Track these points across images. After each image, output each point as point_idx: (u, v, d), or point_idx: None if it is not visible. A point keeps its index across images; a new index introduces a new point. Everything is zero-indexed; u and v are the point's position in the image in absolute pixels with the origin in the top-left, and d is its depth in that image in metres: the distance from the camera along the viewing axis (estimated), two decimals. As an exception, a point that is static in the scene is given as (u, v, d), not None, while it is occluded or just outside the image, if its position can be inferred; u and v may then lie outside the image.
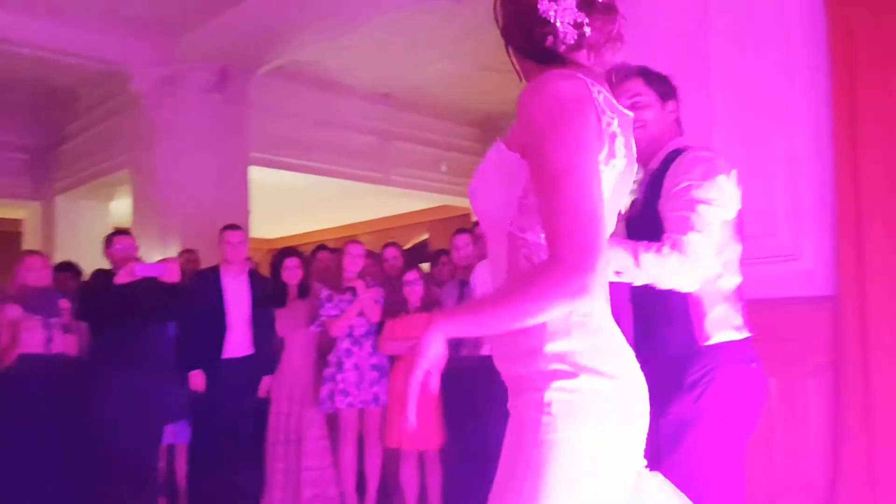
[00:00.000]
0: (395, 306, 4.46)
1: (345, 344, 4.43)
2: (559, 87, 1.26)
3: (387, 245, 5.26)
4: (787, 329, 3.13)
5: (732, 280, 2.06)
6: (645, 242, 1.92)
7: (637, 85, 2.14)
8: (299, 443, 4.44)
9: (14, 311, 4.13)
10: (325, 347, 4.58)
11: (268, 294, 4.71)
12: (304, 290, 4.70)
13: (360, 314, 4.46)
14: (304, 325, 4.58)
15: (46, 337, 4.14)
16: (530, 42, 1.37)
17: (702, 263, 1.91)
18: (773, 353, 2.55)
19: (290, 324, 4.63)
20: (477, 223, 4.94)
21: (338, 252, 4.92)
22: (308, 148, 8.35)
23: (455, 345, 4.26)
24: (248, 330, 4.62)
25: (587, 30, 1.34)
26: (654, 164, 2.14)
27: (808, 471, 3.13)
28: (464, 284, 4.30)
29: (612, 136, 1.30)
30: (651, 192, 2.08)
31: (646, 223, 2.05)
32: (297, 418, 4.48)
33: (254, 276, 4.83)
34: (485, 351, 3.94)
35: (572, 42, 1.34)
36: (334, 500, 4.45)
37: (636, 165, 1.42)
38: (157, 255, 6.15)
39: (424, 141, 9.41)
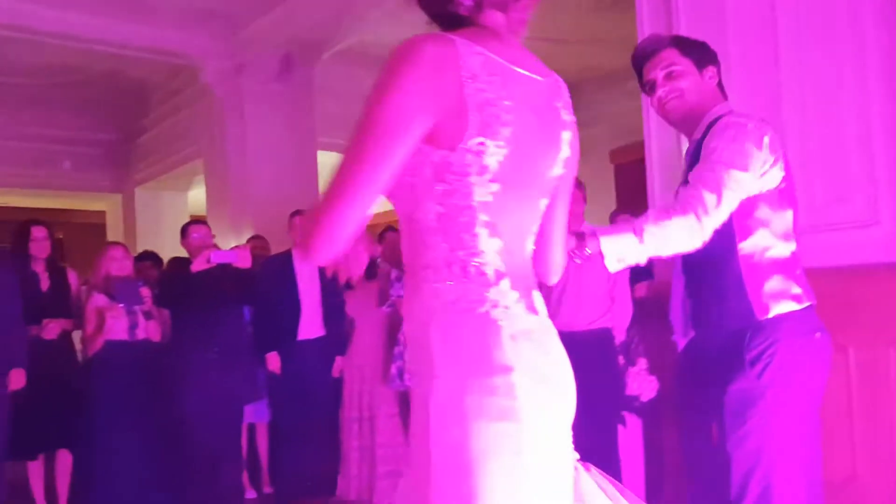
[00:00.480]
0: (461, 284, 4.50)
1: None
2: (409, 47, 1.20)
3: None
4: (865, 297, 3.03)
5: (785, 248, 2.01)
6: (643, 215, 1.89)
7: (671, 55, 2.10)
8: (372, 420, 4.56)
9: (99, 299, 4.34)
10: (394, 327, 4.66)
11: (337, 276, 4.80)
12: (372, 272, 4.78)
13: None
14: (373, 305, 4.67)
15: (130, 324, 4.33)
16: (434, 7, 1.32)
17: (710, 222, 1.86)
18: (850, 322, 2.49)
19: (359, 305, 4.73)
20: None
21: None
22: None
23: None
24: (320, 312, 4.76)
25: None
26: (698, 133, 2.10)
27: (889, 442, 3.04)
28: (529, 261, 4.30)
29: (483, 104, 1.20)
30: (694, 161, 2.05)
31: None
32: (370, 396, 4.60)
33: (325, 259, 4.92)
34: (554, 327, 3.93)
35: (470, 3, 1.29)
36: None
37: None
38: (231, 241, 6.36)
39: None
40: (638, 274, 4.16)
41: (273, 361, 4.68)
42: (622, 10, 4.37)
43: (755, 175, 1.92)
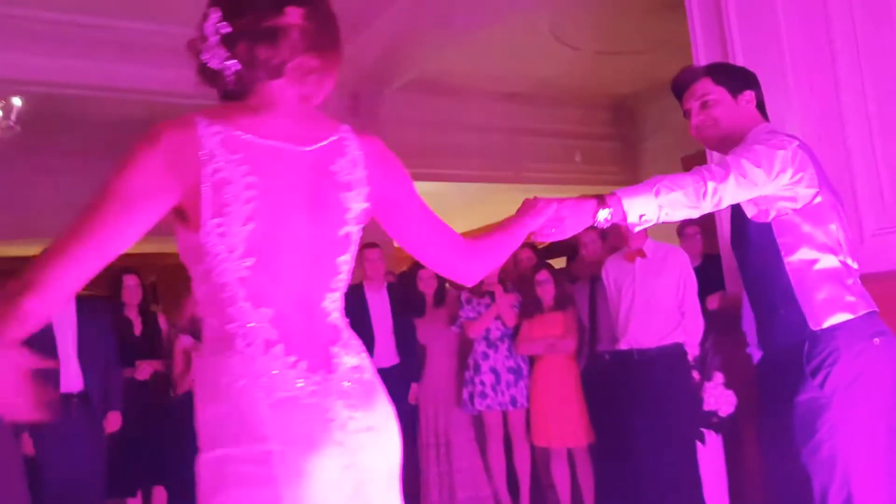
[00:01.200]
0: (529, 307, 4.53)
1: (481, 347, 4.55)
2: (150, 131, 1.27)
3: (521, 246, 5.35)
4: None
5: (833, 260, 2.02)
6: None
7: (705, 85, 2.19)
8: (449, 445, 4.61)
9: (186, 340, 4.56)
10: (465, 350, 4.72)
11: (407, 305, 4.92)
12: (440, 298, 4.87)
13: (497, 318, 4.56)
14: (443, 330, 4.75)
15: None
16: (211, 83, 1.39)
17: (716, 189, 1.89)
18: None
19: (430, 331, 4.81)
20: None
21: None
22: (440, 155, 8.55)
23: (592, 340, 4.28)
24: (393, 340, 4.86)
25: (233, 66, 1.33)
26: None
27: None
28: (595, 280, 4.29)
29: (220, 183, 1.25)
30: None
31: (735, 218, 2.12)
32: (445, 421, 4.66)
33: (393, 289, 5.06)
34: (622, 345, 3.92)
35: (233, 82, 1.35)
36: (488, 500, 4.58)
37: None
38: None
39: (555, 133, 9.38)
40: (708, 286, 4.10)
41: (350, 391, 4.80)
42: (682, 14, 4.37)
43: (768, 175, 1.94)
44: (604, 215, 1.83)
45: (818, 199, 2.00)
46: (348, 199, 1.39)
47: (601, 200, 1.83)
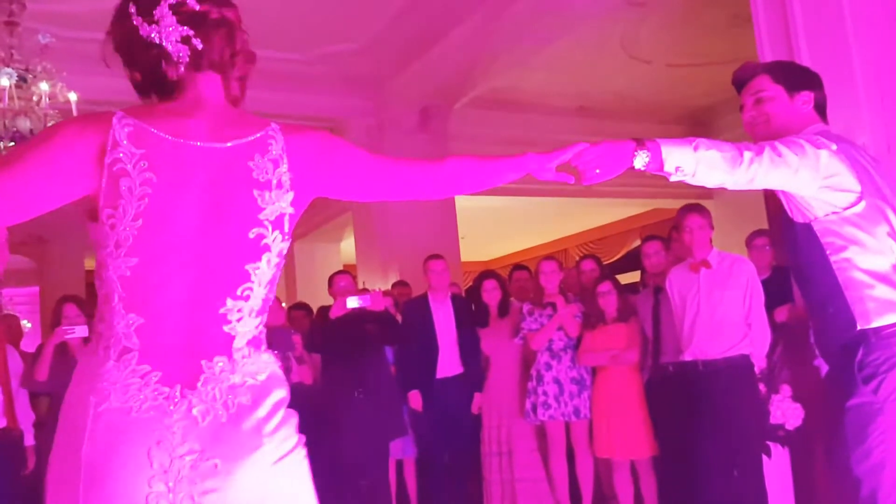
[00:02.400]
0: (592, 318, 4.52)
1: (544, 357, 4.56)
2: (69, 118, 1.33)
3: (584, 257, 5.40)
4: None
5: (884, 261, 1.98)
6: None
7: (762, 81, 2.19)
8: (511, 454, 4.63)
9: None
10: (527, 361, 4.74)
11: (471, 315, 4.99)
12: (504, 309, 4.91)
13: (560, 329, 4.57)
14: (506, 341, 4.78)
15: (284, 369, 4.64)
16: (142, 70, 1.37)
17: (752, 162, 1.87)
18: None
19: (493, 341, 4.86)
20: (674, 228, 4.86)
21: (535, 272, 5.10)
22: (513, 170, 8.60)
23: (656, 352, 4.24)
24: (457, 350, 4.94)
25: (198, 44, 1.33)
26: None
27: None
28: (658, 291, 4.26)
29: (118, 174, 1.24)
30: None
31: (782, 223, 2.11)
32: (508, 431, 4.68)
33: (457, 300, 5.14)
34: (686, 356, 3.87)
35: (186, 60, 1.33)
36: (551, 510, 4.57)
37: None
38: (379, 286, 6.71)
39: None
40: (776, 298, 4.01)
41: (415, 399, 4.89)
42: (752, 27, 4.33)
43: (801, 159, 1.91)
44: (642, 160, 1.80)
45: (861, 204, 1.97)
46: (263, 198, 1.33)
47: (640, 143, 1.81)
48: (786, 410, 3.79)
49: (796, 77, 2.20)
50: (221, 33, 1.36)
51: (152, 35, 1.32)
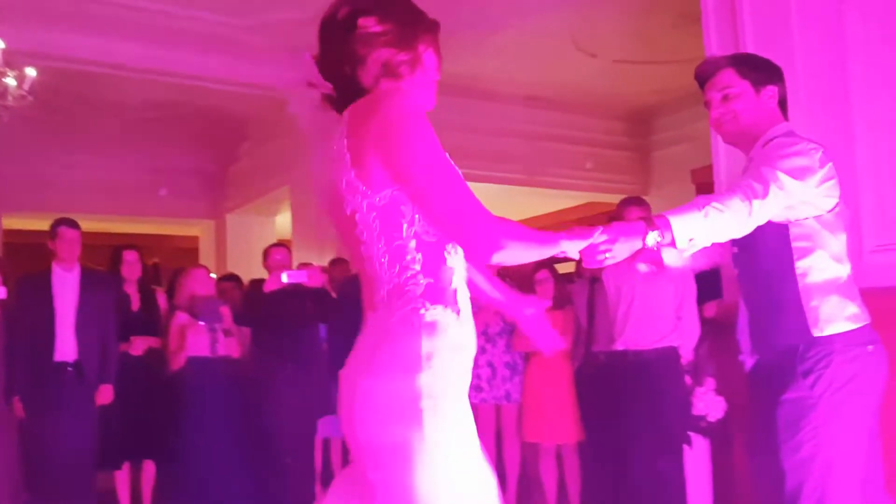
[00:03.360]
0: (528, 304, 4.53)
1: (480, 341, 4.53)
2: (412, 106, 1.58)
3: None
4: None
5: (841, 270, 2.05)
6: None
7: (728, 76, 2.14)
8: (441, 437, 4.61)
9: (182, 318, 4.60)
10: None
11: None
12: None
13: (497, 313, 4.57)
14: (442, 324, 4.76)
15: (211, 340, 4.56)
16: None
17: (759, 209, 1.89)
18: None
19: (429, 324, 4.82)
20: (613, 219, 4.91)
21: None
22: (457, 156, 8.51)
23: (588, 340, 4.28)
24: (391, 329, 4.89)
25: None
26: (754, 151, 2.15)
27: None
28: (594, 281, 4.30)
29: None
30: None
31: None
32: (439, 414, 4.66)
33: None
34: (618, 346, 3.93)
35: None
36: (475, 492, 4.57)
37: None
38: (315, 263, 6.60)
39: (570, 139, 9.40)
40: (706, 293, 4.10)
41: (346, 378, 4.83)
42: (701, 29, 4.39)
43: (804, 186, 1.94)
44: (653, 238, 1.79)
45: (837, 209, 2.02)
46: (338, 171, 1.49)
47: (649, 222, 1.80)
48: (709, 403, 3.88)
49: (761, 71, 2.16)
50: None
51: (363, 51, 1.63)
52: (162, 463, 4.61)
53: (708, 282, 4.10)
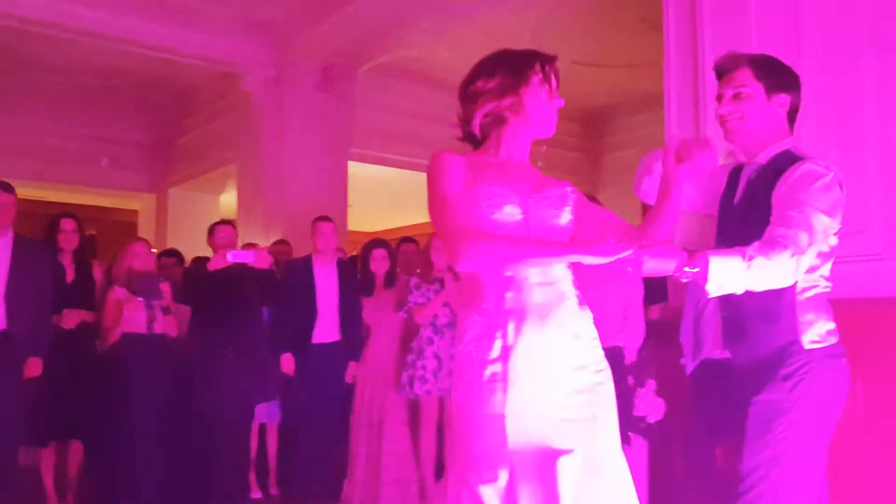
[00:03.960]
0: (476, 298, 4.52)
1: (427, 332, 4.53)
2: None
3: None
4: (877, 330, 3.00)
5: (827, 287, 2.11)
6: (745, 248, 1.91)
7: (744, 76, 2.13)
8: (381, 426, 4.57)
9: (119, 292, 4.43)
10: (409, 335, 4.69)
11: (355, 283, 4.89)
12: (390, 280, 4.84)
13: (446, 305, 4.55)
14: (390, 313, 4.71)
15: (148, 318, 4.40)
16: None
17: (805, 260, 1.93)
18: (860, 355, 2.47)
19: (376, 312, 4.77)
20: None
21: (421, 245, 5.05)
22: (406, 143, 8.52)
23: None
24: (337, 317, 4.83)
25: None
26: (763, 159, 2.15)
27: (891, 478, 2.99)
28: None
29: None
30: (759, 188, 2.11)
31: (753, 214, 2.09)
32: (380, 403, 4.62)
33: (342, 265, 5.02)
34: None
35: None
36: (413, 483, 4.55)
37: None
38: (260, 244, 6.47)
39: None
40: (652, 296, 4.15)
41: (287, 363, 4.74)
42: (660, 34, 4.43)
43: (837, 222, 2.02)
44: (688, 275, 1.83)
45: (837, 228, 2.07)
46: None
47: (691, 256, 1.82)
48: (649, 404, 3.93)
49: (777, 77, 2.14)
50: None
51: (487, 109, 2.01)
52: (90, 443, 4.45)
53: (654, 284, 4.16)
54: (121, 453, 4.29)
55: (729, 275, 1.85)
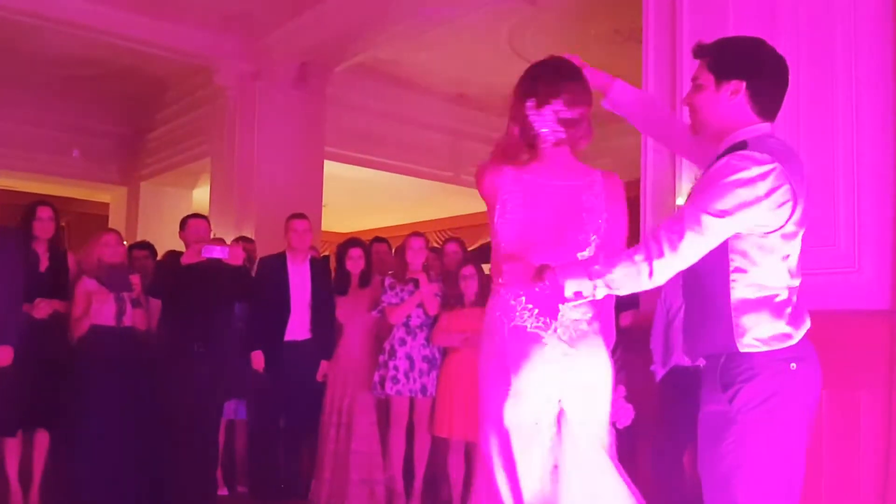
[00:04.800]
0: (451, 300, 4.55)
1: (399, 333, 4.54)
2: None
3: (449, 240, 5.42)
4: (842, 341, 3.06)
5: (778, 289, 1.95)
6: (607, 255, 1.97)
7: (699, 67, 2.02)
8: (350, 426, 4.57)
9: (89, 283, 4.36)
10: (382, 335, 4.70)
11: (329, 281, 4.88)
12: (365, 280, 4.84)
13: (419, 306, 4.56)
14: (363, 312, 4.72)
15: (118, 310, 4.35)
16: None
17: (664, 265, 1.87)
18: (825, 365, 2.53)
19: (350, 311, 4.77)
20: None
21: (398, 245, 5.06)
22: (382, 144, 8.52)
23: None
24: (308, 315, 4.81)
25: (561, 135, 2.16)
26: (720, 150, 1.99)
27: (857, 484, 3.07)
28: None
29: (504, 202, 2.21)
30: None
31: None
32: (350, 402, 4.62)
33: (315, 263, 5.01)
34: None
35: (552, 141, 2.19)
36: (381, 484, 4.55)
37: None
38: (229, 240, 6.41)
39: (496, 142, 9.45)
40: (624, 303, 4.20)
41: (258, 360, 4.72)
42: (636, 43, 4.47)
43: (734, 220, 1.86)
44: (539, 286, 2.05)
45: (785, 229, 1.90)
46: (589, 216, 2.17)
47: (539, 272, 2.01)
48: (618, 409, 3.97)
49: (728, 62, 1.97)
50: (582, 127, 2.18)
51: (533, 121, 2.16)
52: (56, 434, 4.38)
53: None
54: (82, 447, 4.22)
55: (580, 286, 1.93)
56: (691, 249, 1.86)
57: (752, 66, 1.97)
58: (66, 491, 4.28)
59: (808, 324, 1.97)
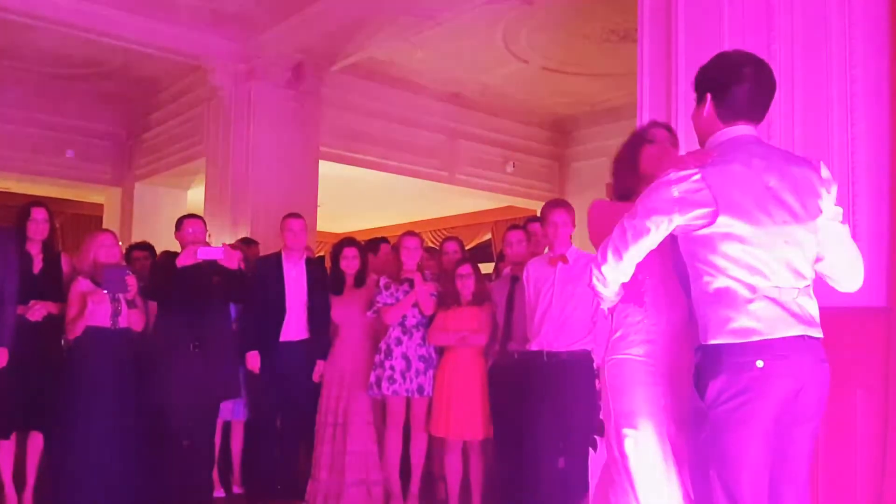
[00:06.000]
0: (447, 299, 4.54)
1: (395, 332, 4.53)
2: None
3: (447, 239, 5.41)
4: (837, 339, 3.06)
5: (730, 282, 2.02)
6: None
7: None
8: (346, 426, 4.56)
9: (84, 284, 4.33)
10: (378, 335, 4.69)
11: (324, 281, 4.87)
12: (360, 280, 4.83)
13: (415, 305, 4.56)
14: (359, 312, 4.71)
15: (113, 311, 4.31)
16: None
17: (610, 271, 2.20)
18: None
19: (345, 311, 4.76)
20: (531, 220, 4.97)
21: (392, 245, 5.06)
22: (377, 144, 8.51)
23: (505, 338, 4.33)
24: (305, 315, 4.80)
25: None
26: None
27: (854, 482, 3.07)
28: (515, 280, 4.35)
29: None
30: None
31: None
32: (346, 402, 4.61)
33: (311, 263, 4.99)
34: (533, 346, 3.97)
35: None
36: (377, 485, 4.55)
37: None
38: (226, 241, 6.40)
39: (492, 141, 9.48)
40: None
41: (253, 360, 4.70)
42: (631, 43, 4.47)
43: (668, 223, 2.08)
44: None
45: (713, 228, 2.01)
46: None
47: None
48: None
49: (698, 82, 2.19)
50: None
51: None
52: (50, 436, 4.36)
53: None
54: (77, 449, 4.20)
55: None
56: (635, 253, 2.16)
57: (712, 78, 2.15)
58: (61, 493, 4.26)
59: (791, 324, 2.00)
